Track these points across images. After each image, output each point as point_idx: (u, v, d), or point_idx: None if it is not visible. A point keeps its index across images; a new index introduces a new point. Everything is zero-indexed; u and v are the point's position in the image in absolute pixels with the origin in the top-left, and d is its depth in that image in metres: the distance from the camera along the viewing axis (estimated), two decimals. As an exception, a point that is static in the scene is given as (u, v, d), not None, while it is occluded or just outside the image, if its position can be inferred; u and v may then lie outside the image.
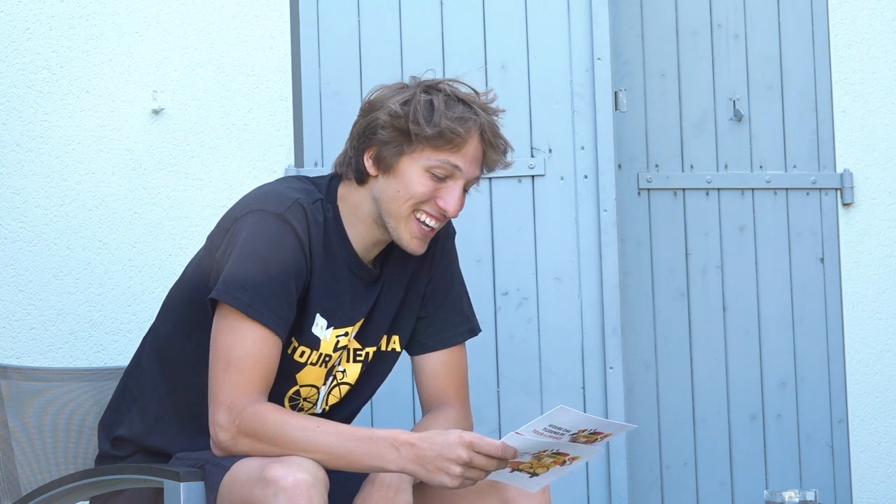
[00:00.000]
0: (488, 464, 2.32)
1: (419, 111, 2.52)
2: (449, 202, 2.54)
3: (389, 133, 2.54)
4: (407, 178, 2.54)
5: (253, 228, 2.51)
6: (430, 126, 2.51)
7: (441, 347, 2.73)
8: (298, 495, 2.29)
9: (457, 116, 2.52)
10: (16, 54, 3.60)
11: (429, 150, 2.53)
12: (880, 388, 4.27)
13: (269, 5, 3.80)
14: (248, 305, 2.47)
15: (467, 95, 2.56)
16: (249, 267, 2.49)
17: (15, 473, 2.81)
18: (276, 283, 2.48)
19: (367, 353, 2.67)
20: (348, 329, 2.61)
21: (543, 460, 2.37)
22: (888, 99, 4.30)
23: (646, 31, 4.14)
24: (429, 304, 2.72)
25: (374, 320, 2.66)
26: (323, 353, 2.60)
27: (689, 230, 4.15)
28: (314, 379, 2.62)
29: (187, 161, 3.72)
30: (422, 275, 2.71)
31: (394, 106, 2.54)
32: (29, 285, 3.59)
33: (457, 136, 2.52)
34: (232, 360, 2.47)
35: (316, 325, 2.57)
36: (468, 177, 2.56)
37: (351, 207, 2.61)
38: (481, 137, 2.55)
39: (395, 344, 2.71)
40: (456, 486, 2.33)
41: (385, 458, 2.37)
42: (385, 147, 2.54)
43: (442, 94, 2.54)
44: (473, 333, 2.77)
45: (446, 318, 2.73)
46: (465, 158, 2.54)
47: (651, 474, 4.08)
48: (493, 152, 2.58)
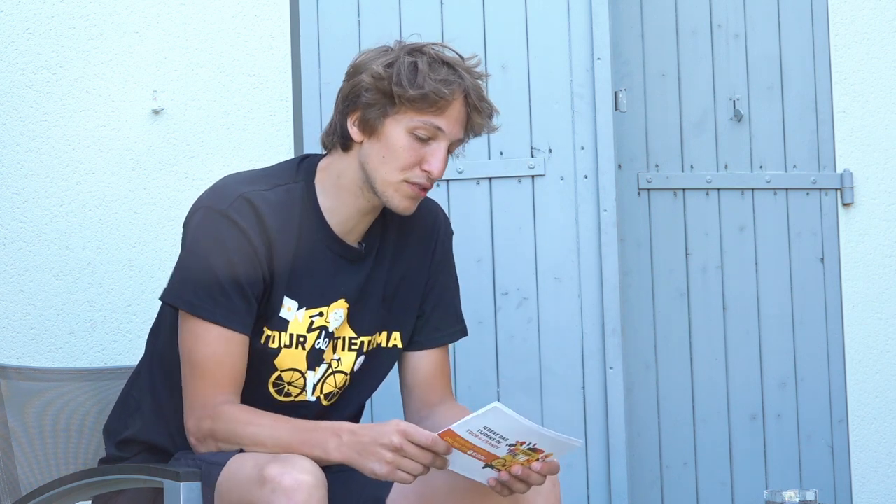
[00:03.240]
0: (420, 455, 2.31)
1: (403, 73, 2.51)
2: (433, 164, 2.53)
3: (373, 95, 2.53)
4: (391, 140, 2.53)
5: (197, 228, 2.53)
6: (413, 88, 2.50)
7: (433, 346, 2.73)
8: (298, 495, 2.29)
9: (441, 79, 2.51)
10: (16, 54, 3.60)
11: (412, 112, 2.52)
12: (880, 388, 4.28)
13: (269, 5, 3.80)
14: (196, 307, 2.49)
15: (452, 59, 2.56)
16: (196, 268, 2.51)
17: (15, 473, 2.81)
18: (224, 281, 2.49)
19: (363, 342, 2.66)
20: (323, 309, 2.60)
21: (518, 457, 2.36)
22: (888, 99, 4.30)
23: (646, 31, 4.14)
24: (426, 303, 2.72)
25: (368, 306, 2.65)
26: (294, 334, 2.59)
27: (689, 230, 4.16)
28: (294, 362, 2.60)
29: (187, 161, 3.72)
30: (422, 270, 2.71)
31: (377, 68, 2.53)
32: (29, 285, 3.59)
33: (441, 99, 2.51)
34: (195, 365, 2.50)
35: (284, 307, 2.57)
36: (452, 138, 2.55)
37: (334, 178, 2.59)
38: (465, 100, 2.55)
39: (395, 340, 2.71)
40: (386, 473, 2.32)
41: (327, 447, 2.37)
42: (369, 109, 2.54)
43: (426, 57, 2.54)
44: (464, 334, 2.78)
45: (442, 317, 2.73)
46: (448, 120, 2.53)
47: (651, 474, 4.08)
48: (477, 115, 2.57)
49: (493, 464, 2.36)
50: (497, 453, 2.33)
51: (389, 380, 2.77)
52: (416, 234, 2.70)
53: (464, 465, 2.37)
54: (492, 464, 2.36)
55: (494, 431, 2.29)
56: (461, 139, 2.58)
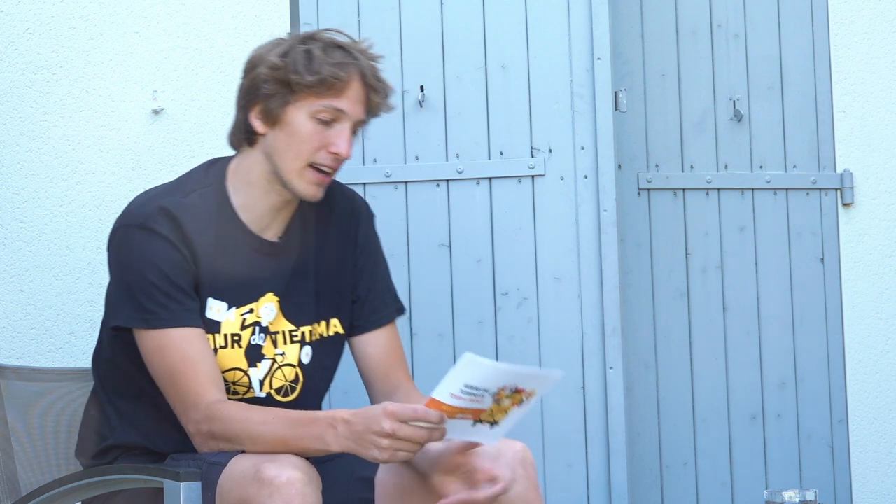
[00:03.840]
0: (415, 433, 2.32)
1: (298, 61, 2.56)
2: (339, 144, 2.58)
3: (272, 86, 2.57)
4: (294, 127, 2.58)
5: (121, 247, 2.59)
6: (310, 74, 2.55)
7: (374, 328, 2.75)
8: (293, 493, 2.30)
9: (336, 62, 2.56)
10: (16, 54, 3.60)
11: (312, 98, 2.56)
12: (880, 388, 4.27)
13: (269, 5, 3.80)
14: (148, 319, 2.52)
15: (345, 42, 2.61)
16: (131, 283, 2.55)
17: (15, 473, 2.81)
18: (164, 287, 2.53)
19: (303, 332, 2.68)
20: (252, 305, 2.63)
21: (503, 403, 2.36)
22: (888, 99, 4.30)
23: (646, 31, 4.13)
24: (359, 287, 2.75)
25: (298, 296, 2.67)
26: (228, 334, 2.61)
27: (689, 230, 4.15)
28: (234, 362, 2.62)
29: (187, 161, 3.72)
30: (347, 256, 2.74)
31: (273, 59, 2.58)
32: (29, 285, 3.59)
33: (338, 81, 2.56)
34: (172, 374, 2.52)
35: (210, 308, 2.59)
36: (354, 118, 2.60)
37: (243, 175, 2.63)
38: (363, 81, 2.60)
39: (336, 327, 2.73)
40: (386, 458, 2.33)
41: (326, 438, 2.38)
42: (269, 100, 2.58)
43: (320, 43, 2.59)
44: (401, 312, 2.80)
45: (377, 298, 2.76)
46: (348, 101, 2.58)
47: (651, 474, 4.08)
48: (375, 95, 2.62)
49: (481, 418, 2.37)
50: (482, 406, 2.34)
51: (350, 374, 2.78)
52: (337, 221, 2.74)
53: (456, 429, 2.38)
54: (480, 418, 2.37)
55: (475, 386, 2.30)
56: (363, 119, 2.63)
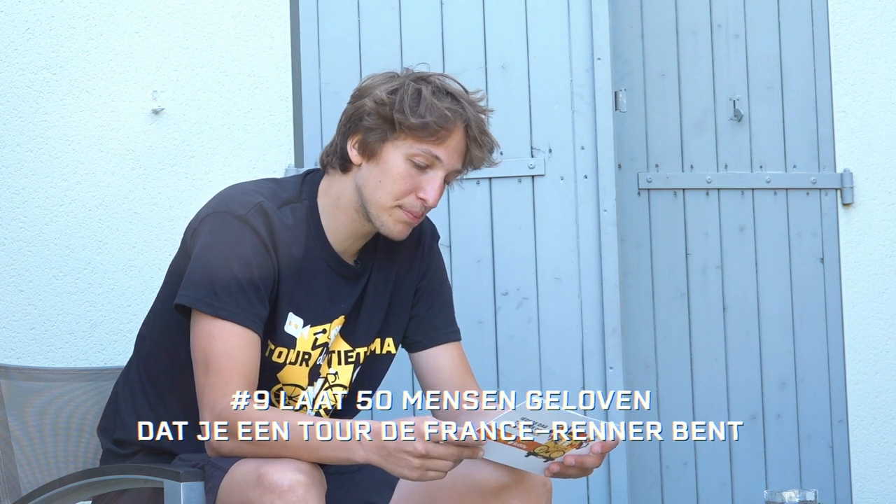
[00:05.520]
0: (447, 453, 2.29)
1: (406, 100, 2.52)
2: (428, 192, 2.54)
3: (374, 120, 2.54)
4: (388, 165, 2.54)
5: (214, 231, 2.52)
6: (415, 116, 2.51)
7: (437, 343, 2.72)
8: (295, 497, 2.29)
9: (443, 109, 2.52)
10: (16, 54, 3.60)
11: (412, 140, 2.52)
12: (880, 388, 4.28)
13: (269, 5, 3.80)
14: (215, 307, 2.48)
15: (455, 90, 2.57)
16: (212, 268, 2.50)
17: (15, 473, 2.81)
18: (240, 281, 2.49)
19: (358, 353, 2.67)
20: (326, 326, 2.61)
21: (561, 443, 2.35)
22: (888, 99, 4.30)
23: (646, 31, 4.14)
24: (420, 304, 2.72)
25: (362, 319, 2.66)
26: (300, 352, 2.59)
27: (689, 230, 4.15)
28: (296, 378, 2.61)
29: (187, 161, 3.72)
30: (411, 275, 2.71)
31: (381, 93, 2.54)
32: (29, 285, 3.59)
33: (441, 128, 2.51)
34: (210, 364, 2.47)
35: (289, 323, 2.57)
36: (449, 168, 2.55)
37: (333, 199, 2.60)
38: (466, 132, 2.55)
39: (389, 346, 2.71)
40: (416, 477, 2.30)
41: (352, 449, 2.35)
42: (370, 133, 2.54)
43: (430, 86, 2.55)
44: (459, 337, 2.77)
45: (438, 316, 2.73)
46: (447, 150, 2.54)
47: (651, 474, 4.08)
48: (477, 149, 2.57)
49: (535, 451, 2.35)
50: (538, 441, 2.32)
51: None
52: (403, 242, 2.69)
53: (504, 455, 2.36)
54: (535, 451, 2.35)
55: (532, 420, 2.28)
56: (459, 170, 2.58)
